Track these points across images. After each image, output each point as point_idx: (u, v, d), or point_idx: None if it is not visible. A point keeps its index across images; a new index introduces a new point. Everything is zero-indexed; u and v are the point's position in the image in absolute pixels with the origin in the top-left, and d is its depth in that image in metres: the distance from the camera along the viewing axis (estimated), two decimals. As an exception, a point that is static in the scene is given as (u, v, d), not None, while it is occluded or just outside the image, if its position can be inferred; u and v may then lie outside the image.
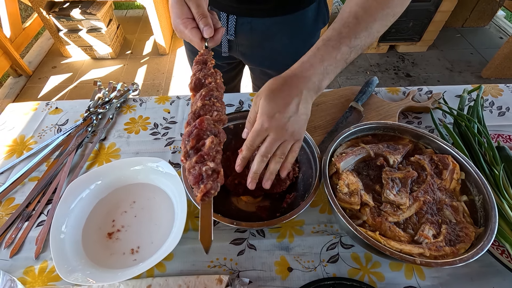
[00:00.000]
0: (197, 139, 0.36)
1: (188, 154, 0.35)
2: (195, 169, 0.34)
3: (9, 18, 2.01)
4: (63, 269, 0.41)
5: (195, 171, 0.34)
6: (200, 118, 0.37)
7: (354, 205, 0.43)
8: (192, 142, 0.35)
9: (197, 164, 0.35)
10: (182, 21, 0.43)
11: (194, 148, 0.35)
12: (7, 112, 0.70)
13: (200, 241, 0.33)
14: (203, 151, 0.35)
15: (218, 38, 0.45)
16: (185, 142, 0.36)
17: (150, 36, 2.51)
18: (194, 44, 0.45)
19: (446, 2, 1.97)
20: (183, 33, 0.44)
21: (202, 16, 0.43)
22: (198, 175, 0.34)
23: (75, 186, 0.50)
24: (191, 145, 0.35)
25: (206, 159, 0.35)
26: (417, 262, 0.36)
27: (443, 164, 0.47)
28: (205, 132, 0.36)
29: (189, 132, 0.36)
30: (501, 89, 0.76)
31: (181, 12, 0.43)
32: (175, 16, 0.44)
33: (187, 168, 0.36)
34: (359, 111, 0.66)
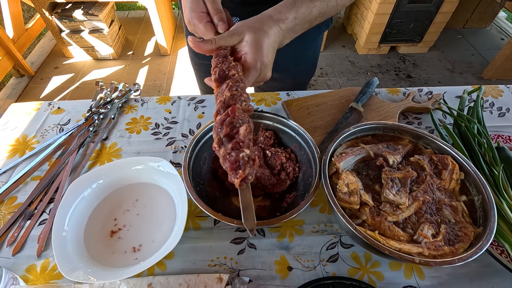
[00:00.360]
0: (231, 127, 0.36)
1: (222, 141, 0.36)
2: (232, 156, 0.35)
3: (12, 19, 2.03)
4: (65, 267, 0.41)
5: (232, 158, 0.35)
6: (232, 107, 0.37)
7: (353, 205, 0.43)
8: (226, 130, 0.36)
9: (233, 150, 0.35)
10: (197, 15, 0.43)
11: (227, 136, 0.36)
12: (10, 112, 0.71)
13: (244, 223, 0.37)
14: (239, 138, 0.36)
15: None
16: (217, 130, 0.36)
17: (152, 37, 2.52)
18: (206, 38, 0.45)
19: (447, 3, 1.97)
20: (197, 26, 0.44)
21: (217, 11, 0.43)
22: (234, 161, 0.35)
23: (77, 185, 0.50)
24: (225, 132, 0.36)
25: (242, 146, 0.36)
26: (416, 261, 0.36)
27: (442, 164, 0.47)
28: (237, 120, 0.36)
29: (222, 120, 0.36)
30: (501, 90, 0.76)
31: (196, 6, 0.43)
32: (189, 10, 0.44)
33: (222, 155, 0.36)
34: (359, 111, 0.66)
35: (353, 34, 2.51)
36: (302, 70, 0.84)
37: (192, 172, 0.50)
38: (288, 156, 0.55)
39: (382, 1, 1.95)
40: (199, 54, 0.81)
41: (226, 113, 0.37)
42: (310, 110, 0.68)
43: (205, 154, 0.55)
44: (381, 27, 2.12)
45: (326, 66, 2.28)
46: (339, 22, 2.74)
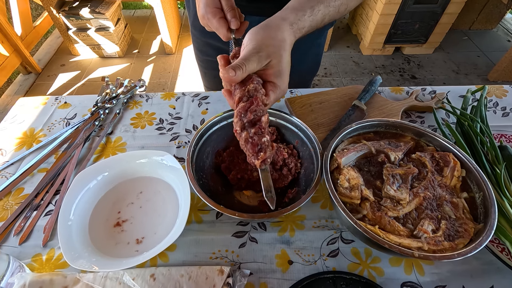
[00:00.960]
0: (254, 114, 0.39)
1: (245, 126, 0.40)
2: (254, 139, 0.39)
3: (20, 16, 2.06)
4: (70, 255, 0.42)
5: (254, 141, 0.39)
6: (255, 97, 0.40)
7: (354, 200, 0.43)
8: (250, 116, 0.39)
9: (255, 135, 0.39)
10: (211, 10, 0.45)
11: (250, 121, 0.39)
12: (18, 106, 0.72)
13: (265, 198, 0.41)
14: (261, 125, 0.39)
15: (242, 30, 0.47)
16: (241, 115, 0.39)
17: (157, 36, 2.54)
18: (219, 33, 0.46)
19: (453, 4, 1.96)
20: (211, 21, 0.45)
21: (231, 8, 0.45)
22: (256, 144, 0.39)
23: (83, 176, 0.51)
24: (249, 118, 0.39)
25: (263, 132, 0.39)
26: (415, 255, 0.36)
27: (444, 162, 0.47)
28: (259, 109, 0.39)
29: (246, 107, 0.39)
30: (506, 90, 0.75)
31: (211, 2, 0.45)
32: (204, 5, 0.45)
33: (244, 138, 0.40)
34: (362, 109, 0.66)
35: (358, 35, 2.50)
36: (305, 68, 0.84)
37: (195, 166, 0.51)
38: (290, 152, 0.55)
39: (387, 2, 1.94)
40: (204, 51, 0.82)
41: (251, 101, 0.39)
42: (313, 107, 0.68)
43: (208, 149, 0.56)
44: (386, 27, 2.12)
45: (330, 66, 2.28)
46: (344, 23, 2.73)
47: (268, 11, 0.66)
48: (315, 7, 0.44)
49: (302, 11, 0.44)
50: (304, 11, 0.44)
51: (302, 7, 0.44)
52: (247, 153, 0.41)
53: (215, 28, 0.46)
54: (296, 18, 0.43)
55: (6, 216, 0.52)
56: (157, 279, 0.44)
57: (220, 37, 0.47)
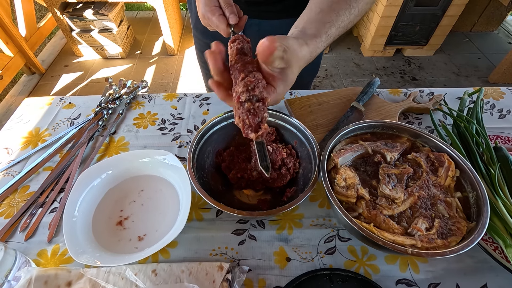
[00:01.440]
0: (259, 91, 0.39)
1: (251, 98, 0.39)
2: (257, 111, 0.39)
3: (25, 18, 2.08)
4: (74, 250, 0.43)
5: (257, 112, 0.39)
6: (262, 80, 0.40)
7: (350, 198, 0.44)
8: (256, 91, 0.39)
9: (258, 108, 0.39)
10: (210, 9, 0.46)
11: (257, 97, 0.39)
12: (24, 106, 0.74)
13: (260, 165, 0.41)
14: (265, 103, 0.40)
15: (241, 25, 0.49)
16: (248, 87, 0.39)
17: (159, 37, 2.57)
18: (220, 29, 0.47)
19: (453, 6, 1.97)
20: (211, 19, 0.47)
21: (229, 5, 0.46)
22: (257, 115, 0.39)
23: (87, 174, 0.53)
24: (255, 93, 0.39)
25: (265, 110, 0.40)
26: (409, 252, 0.37)
27: (439, 162, 0.48)
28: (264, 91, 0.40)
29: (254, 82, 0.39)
30: (503, 92, 0.76)
31: (210, 1, 0.47)
32: (203, 5, 0.47)
33: (247, 108, 0.39)
34: (360, 111, 0.67)
35: (359, 36, 2.51)
36: (305, 70, 0.85)
37: (196, 165, 0.53)
38: (289, 152, 0.57)
39: (388, 4, 1.96)
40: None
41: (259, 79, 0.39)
42: (312, 108, 0.70)
43: (209, 149, 0.57)
44: (387, 29, 2.13)
45: (331, 68, 2.29)
46: (345, 24, 2.74)
47: (267, 14, 0.68)
48: (328, 32, 0.46)
49: (319, 37, 0.45)
50: (321, 37, 0.45)
51: (318, 31, 0.45)
52: (244, 124, 0.40)
53: (215, 25, 0.47)
54: (315, 47, 0.44)
55: (12, 213, 0.54)
56: (158, 274, 0.45)
57: (221, 34, 0.48)
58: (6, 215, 0.54)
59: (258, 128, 0.40)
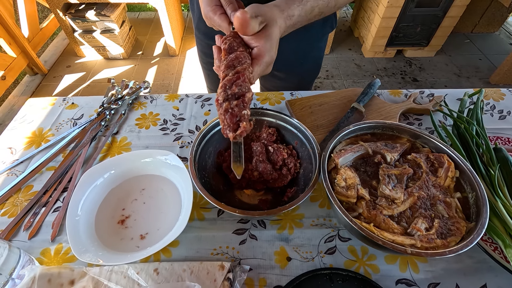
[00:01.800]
0: (239, 88, 0.40)
1: (228, 97, 0.39)
2: (234, 110, 0.39)
3: (28, 18, 2.10)
4: (77, 249, 0.44)
5: (234, 111, 0.39)
6: (242, 73, 0.40)
7: (350, 198, 0.45)
8: (234, 89, 0.39)
9: (236, 106, 0.39)
10: (211, 9, 0.46)
11: (234, 94, 0.40)
12: (27, 106, 0.75)
13: (233, 168, 0.42)
14: (244, 99, 0.39)
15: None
16: (226, 87, 0.39)
17: (161, 38, 2.58)
18: (222, 28, 0.47)
19: (454, 7, 1.97)
20: (213, 19, 0.47)
21: (229, 2, 0.46)
22: (236, 115, 0.39)
23: (90, 174, 0.53)
24: (233, 91, 0.39)
25: (245, 106, 0.40)
26: (408, 252, 0.38)
27: (438, 163, 0.49)
28: (245, 85, 0.40)
29: (232, 80, 0.40)
30: (503, 93, 0.77)
31: (210, 1, 0.46)
32: (204, 5, 0.47)
33: (224, 108, 0.39)
34: (360, 111, 0.68)
35: (360, 37, 2.52)
36: (306, 70, 0.86)
37: (198, 165, 0.53)
38: (289, 152, 0.57)
39: (389, 5, 1.96)
40: (208, 53, 0.84)
41: (237, 76, 0.40)
42: (313, 109, 0.70)
43: (210, 149, 0.58)
44: (388, 30, 2.13)
45: (332, 69, 2.29)
46: (346, 25, 2.75)
47: None
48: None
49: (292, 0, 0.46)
50: (293, 1, 0.46)
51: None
52: (223, 124, 0.40)
53: (218, 24, 0.47)
54: (286, 6, 0.46)
55: (16, 212, 0.54)
56: (160, 273, 0.46)
57: (224, 33, 0.48)
58: (10, 214, 0.54)
59: (236, 127, 0.39)
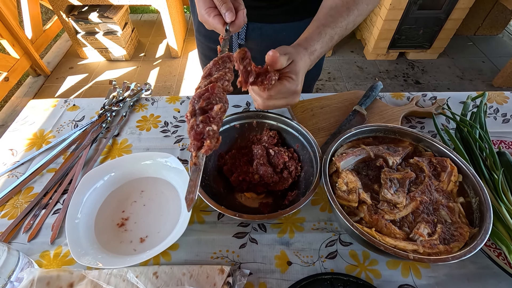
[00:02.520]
0: (207, 102, 0.38)
1: (195, 112, 0.37)
2: (199, 127, 0.36)
3: (31, 20, 2.11)
4: (76, 252, 0.44)
5: (199, 129, 0.36)
6: (213, 84, 0.39)
7: (352, 202, 0.44)
8: (201, 103, 0.37)
9: (202, 123, 0.36)
10: (206, 11, 0.46)
11: (202, 109, 0.37)
12: (29, 107, 0.75)
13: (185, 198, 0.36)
14: (210, 114, 0.37)
15: (240, 21, 0.47)
16: (194, 101, 0.38)
17: (163, 40, 2.59)
18: (218, 30, 0.47)
19: (457, 10, 1.97)
20: (208, 22, 0.47)
21: (223, 2, 0.45)
22: (200, 132, 0.36)
23: (91, 176, 0.53)
24: (200, 105, 0.37)
25: (212, 121, 0.37)
26: (410, 258, 0.37)
27: (441, 167, 0.48)
28: (214, 97, 0.38)
29: (200, 94, 0.38)
30: (507, 97, 0.76)
31: (204, 3, 0.46)
32: (200, 8, 0.47)
33: (190, 124, 0.37)
34: (362, 114, 0.67)
35: (362, 40, 2.51)
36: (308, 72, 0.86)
37: (198, 168, 0.53)
38: (290, 155, 0.57)
39: (391, 7, 1.96)
40: (208, 55, 0.84)
41: (206, 89, 0.38)
42: (314, 112, 0.70)
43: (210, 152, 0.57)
44: (390, 33, 2.13)
45: (334, 71, 2.29)
46: (348, 28, 2.74)
47: (269, 18, 0.69)
48: (321, 32, 0.51)
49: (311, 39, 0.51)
50: (312, 39, 0.50)
51: (311, 34, 0.51)
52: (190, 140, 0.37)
53: (213, 27, 0.47)
54: (308, 43, 0.50)
55: (16, 214, 0.54)
56: (159, 277, 0.45)
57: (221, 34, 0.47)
58: (10, 216, 0.54)
59: (201, 145, 0.36)
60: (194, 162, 0.37)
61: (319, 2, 0.69)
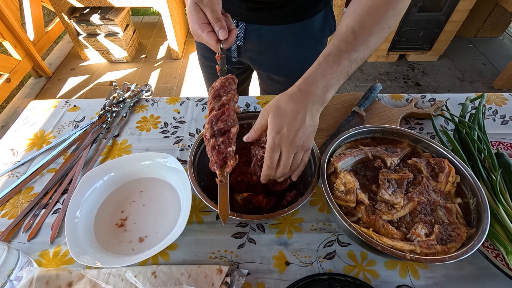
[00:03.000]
0: (225, 124, 0.43)
1: (214, 133, 0.43)
2: (221, 147, 0.43)
3: (33, 22, 2.13)
4: (75, 251, 0.44)
5: (221, 149, 0.43)
6: (228, 107, 0.43)
7: (349, 203, 0.45)
8: (220, 125, 0.42)
9: (223, 143, 0.43)
10: (199, 26, 0.47)
11: (220, 130, 0.43)
12: (30, 108, 0.76)
13: (219, 213, 0.42)
14: (229, 135, 0.43)
15: (232, 39, 0.49)
16: (212, 123, 0.43)
17: (164, 41, 2.60)
18: (210, 46, 0.48)
19: (457, 12, 1.97)
20: (201, 37, 0.48)
21: (217, 20, 0.47)
22: (222, 152, 0.44)
23: (91, 176, 0.53)
24: (219, 127, 0.42)
25: (231, 142, 0.43)
26: (407, 258, 0.37)
27: (439, 167, 0.48)
28: (230, 119, 0.43)
29: (217, 116, 0.43)
30: (506, 98, 0.76)
31: (198, 18, 0.47)
32: (193, 23, 0.48)
33: (211, 145, 0.43)
34: (361, 115, 0.68)
35: (362, 42, 2.52)
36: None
37: (197, 168, 0.53)
38: (289, 156, 0.57)
39: (391, 10, 1.96)
40: (207, 56, 0.85)
41: (222, 111, 0.43)
42: (313, 113, 0.70)
43: (210, 152, 0.58)
44: (390, 35, 2.13)
45: (334, 73, 2.29)
46: (349, 30, 2.75)
47: (267, 20, 0.69)
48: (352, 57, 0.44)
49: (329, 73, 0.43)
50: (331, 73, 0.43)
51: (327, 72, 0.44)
52: (211, 159, 0.43)
53: (206, 42, 0.48)
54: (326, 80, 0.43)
55: (16, 214, 0.55)
56: (158, 276, 0.45)
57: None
58: (10, 216, 0.54)
59: (223, 163, 0.43)
60: (220, 180, 0.43)
61: (317, 4, 0.69)
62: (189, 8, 0.48)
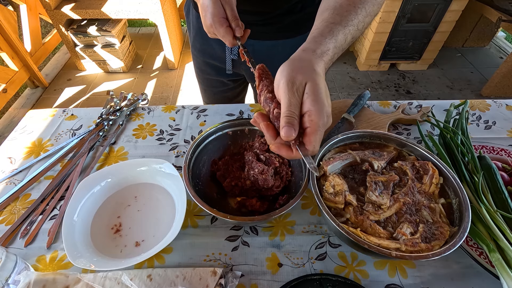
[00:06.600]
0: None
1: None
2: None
3: (31, 34, 2.15)
4: (72, 254, 0.45)
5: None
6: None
7: (338, 204, 0.46)
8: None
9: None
10: (219, 20, 0.49)
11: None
12: (28, 117, 0.77)
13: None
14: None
15: (245, 37, 0.53)
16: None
17: (160, 52, 2.64)
18: (225, 39, 0.51)
19: (444, 23, 2.04)
20: (218, 30, 0.50)
21: (235, 18, 0.50)
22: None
23: (88, 181, 0.55)
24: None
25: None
26: (393, 255, 0.39)
27: (423, 170, 0.50)
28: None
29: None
30: (489, 104, 0.80)
31: (218, 12, 0.49)
32: (211, 15, 0.50)
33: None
34: (350, 122, 0.70)
35: (354, 51, 2.59)
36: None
37: (192, 173, 0.55)
38: (281, 161, 0.59)
39: (381, 21, 2.03)
40: (204, 70, 0.88)
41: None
42: (304, 120, 0.72)
43: (204, 158, 0.60)
44: (381, 45, 2.20)
45: (327, 82, 2.30)
46: (341, 40, 2.82)
47: (261, 35, 0.72)
48: (333, 29, 0.44)
49: (321, 36, 0.44)
50: (323, 36, 0.44)
51: (320, 32, 0.44)
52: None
53: (222, 35, 0.51)
54: (317, 44, 0.43)
55: (13, 220, 0.55)
56: (153, 279, 0.46)
57: (226, 43, 0.52)
58: (7, 222, 0.55)
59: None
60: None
61: (311, 20, 0.72)
62: (206, 1, 0.49)
